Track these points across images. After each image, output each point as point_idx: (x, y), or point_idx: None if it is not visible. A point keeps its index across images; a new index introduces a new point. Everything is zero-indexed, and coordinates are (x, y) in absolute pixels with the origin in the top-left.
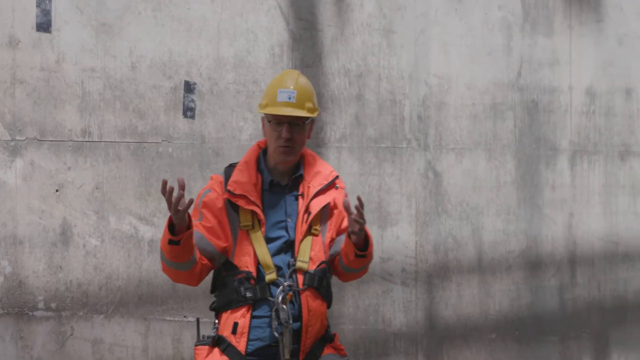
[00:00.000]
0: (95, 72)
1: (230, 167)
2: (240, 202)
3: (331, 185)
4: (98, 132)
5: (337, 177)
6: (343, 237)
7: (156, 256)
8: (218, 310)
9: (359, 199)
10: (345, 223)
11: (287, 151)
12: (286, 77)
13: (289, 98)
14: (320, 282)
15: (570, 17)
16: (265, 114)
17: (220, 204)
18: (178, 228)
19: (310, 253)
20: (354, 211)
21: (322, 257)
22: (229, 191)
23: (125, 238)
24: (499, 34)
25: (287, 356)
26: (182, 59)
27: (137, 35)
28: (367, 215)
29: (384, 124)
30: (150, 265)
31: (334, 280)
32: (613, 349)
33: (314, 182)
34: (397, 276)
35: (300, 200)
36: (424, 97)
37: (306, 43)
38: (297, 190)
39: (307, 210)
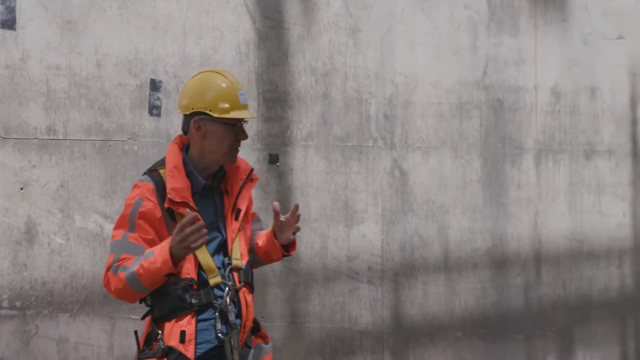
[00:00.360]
0: (60, 70)
1: (152, 173)
2: (182, 210)
3: (248, 178)
4: (63, 130)
5: (252, 170)
6: (256, 230)
7: None
8: (160, 320)
9: (296, 206)
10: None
11: (236, 152)
12: (231, 79)
13: (246, 100)
14: (252, 276)
15: (535, 16)
16: (226, 117)
17: (159, 213)
18: (178, 261)
19: (240, 249)
20: (288, 217)
21: (247, 250)
22: (170, 200)
23: (91, 236)
24: (465, 33)
25: (236, 357)
26: (148, 56)
27: (103, 33)
28: (334, 214)
29: (350, 123)
30: None
31: (299, 279)
32: (578, 346)
33: (235, 178)
34: (363, 275)
35: (226, 198)
36: (390, 95)
37: (272, 41)
38: (220, 188)
39: (234, 208)
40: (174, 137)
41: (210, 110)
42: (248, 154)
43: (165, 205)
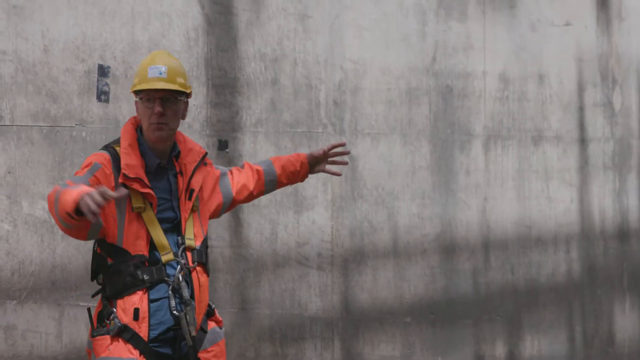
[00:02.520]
0: (6, 55)
1: (108, 148)
2: (135, 186)
3: (202, 162)
4: (10, 115)
5: (206, 153)
6: (243, 181)
7: (70, 241)
8: (111, 297)
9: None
10: (215, 202)
11: (160, 127)
12: (156, 56)
13: (160, 73)
14: (206, 258)
15: (484, 3)
16: (137, 91)
17: (112, 183)
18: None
19: (194, 230)
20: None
21: (202, 233)
22: (125, 175)
23: (39, 223)
24: (414, 19)
25: (193, 333)
26: (96, 42)
27: (50, 18)
28: (284, 200)
29: (299, 109)
30: (64, 250)
31: (249, 265)
32: (526, 331)
33: (189, 159)
34: (313, 260)
35: (180, 178)
36: (339, 82)
37: (221, 27)
38: (175, 168)
39: (188, 188)
40: (123, 123)
41: (139, 84)
42: (197, 140)
43: (120, 179)
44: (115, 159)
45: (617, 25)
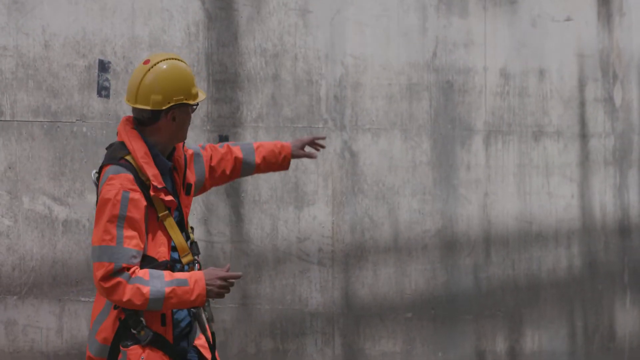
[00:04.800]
0: (7, 51)
1: (120, 162)
2: (162, 195)
3: (185, 153)
4: (11, 111)
5: (184, 144)
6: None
7: (71, 236)
8: None
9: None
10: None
11: None
12: (183, 63)
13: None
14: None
15: None
16: (196, 103)
17: (144, 202)
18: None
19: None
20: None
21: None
22: (155, 187)
23: (39, 218)
24: (414, 14)
25: (212, 329)
26: (97, 37)
27: (50, 14)
28: (284, 196)
29: (300, 104)
30: (65, 246)
31: (250, 261)
32: (527, 327)
33: (179, 153)
34: (313, 256)
35: (175, 174)
36: (340, 77)
37: (222, 22)
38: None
39: (185, 183)
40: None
41: (186, 99)
42: (198, 135)
43: (151, 193)
44: (134, 173)
45: (618, 20)
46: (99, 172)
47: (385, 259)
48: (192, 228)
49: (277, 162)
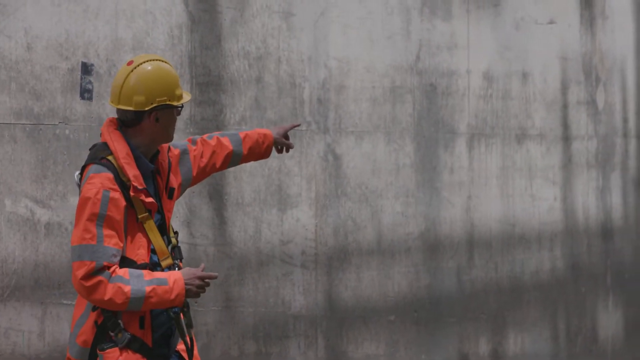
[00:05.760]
0: None
1: (102, 161)
2: (142, 197)
3: (167, 155)
4: None
5: (169, 147)
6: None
7: (53, 239)
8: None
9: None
10: (175, 185)
11: None
12: (167, 64)
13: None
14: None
15: (468, 1)
16: (180, 104)
17: (123, 202)
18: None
19: (172, 227)
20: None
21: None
22: (135, 187)
23: (21, 221)
24: (398, 17)
25: (191, 335)
26: (79, 40)
27: (33, 16)
28: (268, 198)
29: (283, 107)
30: (47, 248)
31: (233, 263)
32: (510, 329)
33: (163, 156)
34: (297, 259)
35: (158, 177)
36: (323, 80)
37: (205, 25)
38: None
39: (167, 187)
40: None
41: (170, 100)
42: (181, 138)
43: (131, 193)
44: (115, 173)
45: (600, 23)
46: (82, 173)
47: (369, 261)
48: (176, 233)
49: (259, 152)
